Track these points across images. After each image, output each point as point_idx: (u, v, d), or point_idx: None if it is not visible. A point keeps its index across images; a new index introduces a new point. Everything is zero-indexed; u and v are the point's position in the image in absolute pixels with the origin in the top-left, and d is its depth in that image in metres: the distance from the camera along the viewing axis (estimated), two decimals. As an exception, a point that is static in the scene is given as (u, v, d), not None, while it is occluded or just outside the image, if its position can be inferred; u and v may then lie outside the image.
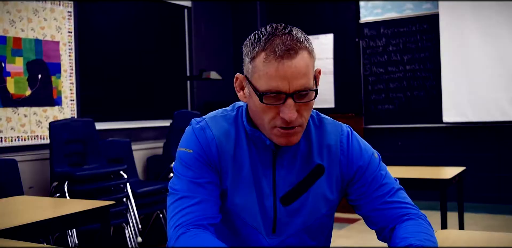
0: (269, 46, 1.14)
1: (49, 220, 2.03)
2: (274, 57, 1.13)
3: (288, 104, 1.14)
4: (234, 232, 1.31)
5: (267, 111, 1.18)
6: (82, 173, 3.57)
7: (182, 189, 1.25)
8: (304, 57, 1.15)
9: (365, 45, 5.76)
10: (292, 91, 1.14)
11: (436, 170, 3.49)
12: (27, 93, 3.81)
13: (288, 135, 1.19)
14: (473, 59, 5.14)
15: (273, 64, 1.13)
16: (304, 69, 1.14)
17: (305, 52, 1.16)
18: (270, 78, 1.14)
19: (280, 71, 1.13)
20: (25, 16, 3.80)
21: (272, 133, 1.20)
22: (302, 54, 1.15)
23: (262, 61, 1.15)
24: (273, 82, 1.14)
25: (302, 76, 1.14)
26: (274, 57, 1.13)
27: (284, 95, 1.14)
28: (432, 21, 5.38)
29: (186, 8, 5.62)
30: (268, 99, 1.16)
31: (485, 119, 5.11)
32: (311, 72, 1.17)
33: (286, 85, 1.13)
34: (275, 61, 1.13)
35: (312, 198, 1.30)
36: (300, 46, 1.15)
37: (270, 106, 1.17)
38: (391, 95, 5.64)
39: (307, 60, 1.16)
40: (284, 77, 1.13)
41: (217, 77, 5.23)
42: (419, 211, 1.32)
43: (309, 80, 1.16)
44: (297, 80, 1.13)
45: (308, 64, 1.16)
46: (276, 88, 1.14)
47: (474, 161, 5.17)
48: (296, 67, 1.13)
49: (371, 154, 1.35)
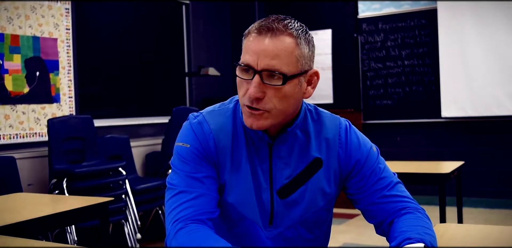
0: (257, 25, 1.21)
1: (48, 216, 2.03)
2: (255, 34, 1.20)
3: (254, 81, 1.18)
4: (232, 224, 1.32)
5: (240, 86, 1.23)
6: (81, 170, 3.57)
7: (180, 184, 1.25)
8: (285, 42, 1.18)
9: (364, 41, 5.75)
10: (260, 69, 1.17)
11: (434, 165, 3.50)
12: (25, 91, 3.80)
13: (253, 117, 1.21)
14: (471, 54, 5.14)
15: (251, 40, 1.20)
16: (279, 51, 1.17)
17: (288, 38, 1.18)
18: (246, 52, 1.21)
19: (254, 46, 1.19)
20: (23, 13, 3.79)
21: (243, 112, 1.24)
22: (283, 38, 1.18)
23: (247, 38, 1.22)
24: (246, 56, 1.20)
25: (274, 57, 1.17)
26: (255, 34, 1.20)
27: (252, 71, 1.18)
28: (430, 16, 5.38)
29: (184, 5, 5.61)
30: (239, 72, 1.22)
31: (483, 114, 5.11)
32: (289, 59, 1.18)
33: (255, 60, 1.18)
34: (254, 38, 1.20)
35: (309, 191, 1.30)
36: (283, 30, 1.18)
37: (242, 81, 1.21)
38: (390, 90, 5.64)
39: (288, 46, 1.18)
40: (255, 52, 1.18)
41: (215, 73, 5.22)
42: (418, 205, 1.32)
43: (282, 64, 1.17)
44: (267, 59, 1.17)
45: (288, 50, 1.18)
46: (247, 61, 1.19)
47: (472, 156, 5.18)
48: (269, 45, 1.17)
49: (370, 147, 1.35)
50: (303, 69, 1.22)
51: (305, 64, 1.22)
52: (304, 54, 1.21)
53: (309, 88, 1.27)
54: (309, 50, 1.23)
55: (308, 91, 1.27)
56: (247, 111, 1.22)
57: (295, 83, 1.21)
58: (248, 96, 1.19)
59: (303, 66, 1.21)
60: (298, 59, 1.19)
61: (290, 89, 1.20)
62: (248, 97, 1.19)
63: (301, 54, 1.20)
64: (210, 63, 5.71)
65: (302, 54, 1.20)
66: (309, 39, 1.23)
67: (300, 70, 1.21)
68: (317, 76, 1.27)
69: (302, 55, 1.20)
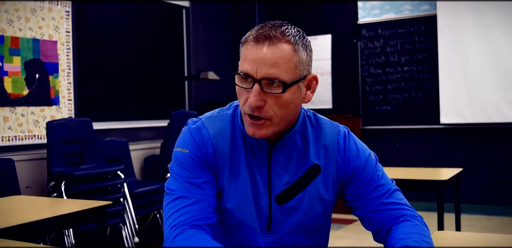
0: (254, 33, 1.20)
1: (46, 220, 2.03)
2: (252, 42, 1.19)
3: (254, 89, 1.18)
4: (230, 230, 1.32)
5: (240, 95, 1.23)
6: (79, 173, 3.57)
7: (178, 189, 1.25)
8: (283, 49, 1.18)
9: (363, 46, 5.76)
10: (259, 78, 1.17)
11: (433, 171, 3.50)
12: (24, 93, 3.80)
13: (255, 126, 1.22)
14: (471, 61, 5.15)
15: (249, 49, 1.20)
16: (277, 59, 1.17)
17: (286, 45, 1.18)
18: (244, 60, 1.21)
19: (252, 55, 1.18)
20: (23, 15, 3.80)
21: (245, 121, 1.24)
22: (280, 46, 1.18)
23: (245, 46, 1.22)
24: (245, 64, 1.19)
25: (273, 65, 1.17)
26: (252, 42, 1.19)
27: (252, 79, 1.18)
28: (430, 23, 5.39)
29: (184, 8, 5.62)
30: (239, 80, 1.22)
31: (482, 121, 5.11)
32: (288, 66, 1.18)
33: (254, 69, 1.17)
34: (252, 46, 1.19)
35: (307, 198, 1.30)
36: (281, 37, 1.18)
37: (242, 89, 1.21)
38: (389, 96, 5.64)
39: (286, 53, 1.18)
40: (254, 61, 1.17)
41: (215, 78, 5.23)
42: (416, 213, 1.32)
43: (281, 72, 1.17)
44: (266, 68, 1.17)
45: (287, 57, 1.18)
46: (246, 70, 1.19)
47: (471, 163, 5.18)
48: (267, 54, 1.17)
49: (368, 155, 1.35)
50: (302, 74, 1.22)
51: (303, 70, 1.22)
52: (302, 60, 1.21)
53: (309, 93, 1.27)
54: (307, 55, 1.23)
55: (308, 95, 1.27)
56: (249, 121, 1.22)
57: (295, 90, 1.21)
58: (248, 105, 1.19)
59: (302, 71, 1.22)
60: (296, 65, 1.20)
61: (290, 96, 1.20)
62: (249, 106, 1.19)
63: (300, 60, 1.20)
64: (210, 67, 5.71)
65: (301, 60, 1.21)
66: (306, 44, 1.23)
67: (299, 76, 1.21)
68: (316, 81, 1.28)
69: (300, 61, 1.20)
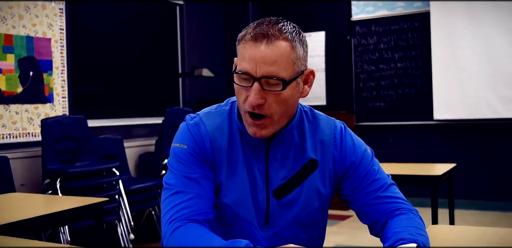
0: (252, 31, 1.20)
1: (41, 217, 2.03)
2: (250, 41, 1.19)
3: (254, 88, 1.18)
4: (227, 225, 1.32)
5: (239, 93, 1.23)
6: (74, 170, 3.56)
7: (176, 184, 1.26)
8: (281, 47, 1.18)
9: (357, 43, 5.78)
10: (259, 76, 1.18)
11: (426, 167, 3.52)
12: (18, 90, 3.79)
13: (257, 126, 1.22)
14: (464, 57, 5.18)
15: (248, 47, 1.19)
16: (276, 57, 1.17)
17: (284, 42, 1.19)
18: (243, 59, 1.20)
19: (251, 54, 1.18)
20: (17, 12, 3.78)
21: (245, 120, 1.25)
22: (278, 43, 1.18)
23: (242, 45, 1.22)
24: (244, 63, 1.19)
25: (272, 63, 1.17)
26: (250, 41, 1.19)
27: (251, 78, 1.18)
28: (423, 19, 5.41)
29: (178, 6, 5.61)
30: (238, 79, 1.22)
31: (475, 117, 5.15)
32: (286, 63, 1.19)
33: (254, 67, 1.18)
34: (250, 45, 1.19)
35: (305, 192, 1.31)
36: (278, 35, 1.18)
37: (241, 88, 1.21)
38: (383, 93, 5.67)
39: (284, 51, 1.18)
40: (253, 60, 1.18)
41: (209, 74, 5.23)
42: (411, 206, 1.34)
43: (281, 70, 1.18)
44: (265, 66, 1.17)
45: (285, 55, 1.18)
46: (245, 69, 1.19)
47: (464, 158, 5.21)
48: (266, 52, 1.17)
49: (364, 149, 1.37)
50: (300, 70, 1.23)
51: (301, 65, 1.23)
52: (299, 56, 1.22)
53: (306, 87, 1.28)
54: (304, 51, 1.24)
55: (305, 90, 1.28)
56: (250, 121, 1.22)
57: (294, 86, 1.22)
58: (249, 103, 1.19)
59: (300, 67, 1.23)
60: (294, 62, 1.21)
61: (289, 92, 1.21)
62: (250, 104, 1.19)
63: (297, 56, 1.21)
64: (204, 64, 5.71)
65: (298, 56, 1.21)
66: (303, 40, 1.24)
67: (298, 72, 1.22)
68: (313, 75, 1.29)
69: (298, 57, 1.21)
